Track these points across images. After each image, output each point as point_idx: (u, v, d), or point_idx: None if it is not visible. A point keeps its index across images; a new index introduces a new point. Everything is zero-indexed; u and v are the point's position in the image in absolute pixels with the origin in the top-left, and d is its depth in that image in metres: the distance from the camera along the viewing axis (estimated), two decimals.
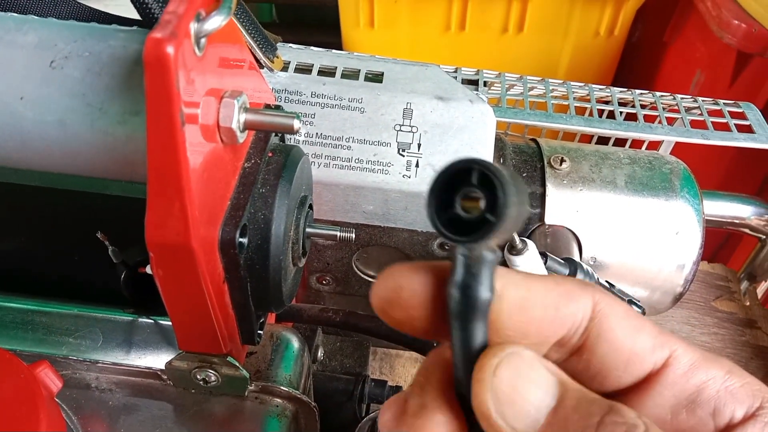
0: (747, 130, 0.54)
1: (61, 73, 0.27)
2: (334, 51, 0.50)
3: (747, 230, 0.67)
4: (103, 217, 0.46)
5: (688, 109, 0.53)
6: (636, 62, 1.24)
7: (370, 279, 0.54)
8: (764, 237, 0.68)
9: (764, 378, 0.31)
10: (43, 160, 0.29)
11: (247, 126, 0.30)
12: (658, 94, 0.53)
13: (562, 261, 0.45)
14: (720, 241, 0.93)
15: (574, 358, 0.24)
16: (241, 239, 0.31)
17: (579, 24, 1.11)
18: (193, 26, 0.26)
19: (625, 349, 0.23)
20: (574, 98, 0.53)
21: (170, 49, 0.24)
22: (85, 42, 0.28)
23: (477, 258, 0.20)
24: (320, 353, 0.55)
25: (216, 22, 0.27)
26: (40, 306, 0.42)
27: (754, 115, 0.56)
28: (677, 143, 0.58)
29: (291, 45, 0.50)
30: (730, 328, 0.75)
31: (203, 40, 0.27)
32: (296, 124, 0.30)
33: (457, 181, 0.19)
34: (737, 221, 0.66)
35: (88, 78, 0.27)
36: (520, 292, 0.23)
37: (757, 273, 0.77)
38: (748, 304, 0.81)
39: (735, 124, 0.52)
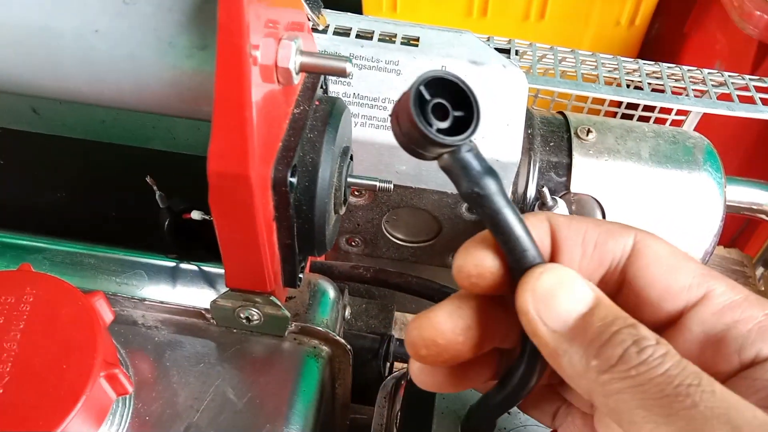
0: None
1: (134, 8, 0.29)
2: (370, 16, 0.52)
3: (764, 216, 0.68)
4: (145, 170, 0.48)
5: (715, 84, 0.54)
6: (656, 53, 1.25)
7: (398, 241, 0.56)
8: None
9: None
10: (112, 94, 0.31)
11: (303, 68, 0.32)
12: (685, 67, 0.54)
13: None
14: (737, 227, 0.94)
15: (617, 294, 0.25)
16: (291, 179, 0.33)
17: (600, 13, 1.12)
18: None
19: (658, 286, 0.24)
20: (603, 68, 0.55)
21: None
22: None
23: (464, 157, 0.22)
24: (347, 313, 0.56)
25: None
26: (87, 249, 0.43)
27: None
28: (699, 126, 0.59)
29: (329, 9, 0.52)
30: None
31: None
32: (348, 67, 0.32)
33: (421, 100, 0.22)
34: (755, 207, 0.67)
35: (159, 13, 0.29)
36: (561, 233, 0.25)
37: None
38: (763, 289, 0.83)
39: (760, 98, 0.54)
